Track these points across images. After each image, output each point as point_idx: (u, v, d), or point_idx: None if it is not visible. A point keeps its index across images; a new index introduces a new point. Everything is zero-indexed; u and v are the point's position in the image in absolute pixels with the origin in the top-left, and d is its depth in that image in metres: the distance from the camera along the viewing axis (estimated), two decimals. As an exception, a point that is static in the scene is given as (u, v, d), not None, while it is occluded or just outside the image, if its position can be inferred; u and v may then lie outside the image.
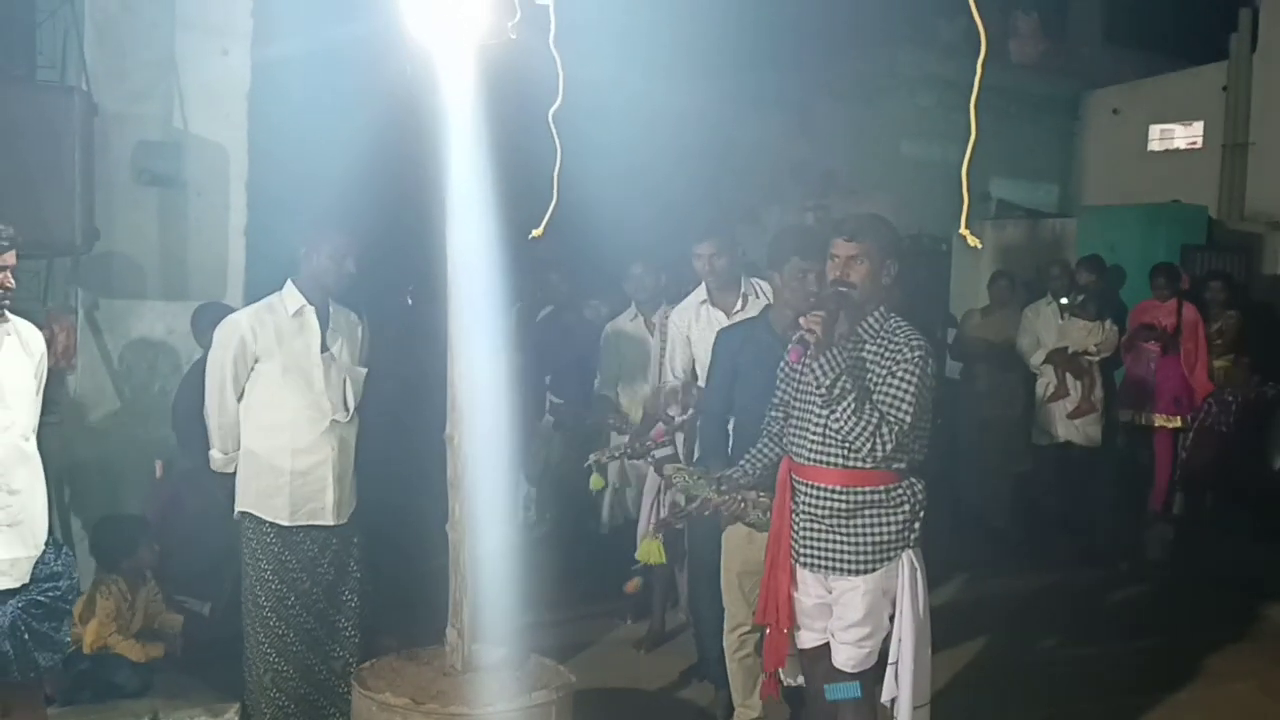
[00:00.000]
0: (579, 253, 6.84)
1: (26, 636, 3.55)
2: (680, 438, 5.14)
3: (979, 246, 3.44)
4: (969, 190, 2.84)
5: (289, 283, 4.30)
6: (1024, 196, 11.33)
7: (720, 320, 4.99)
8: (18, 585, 3.53)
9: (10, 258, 3.48)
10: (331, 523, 4.29)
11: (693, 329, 5.14)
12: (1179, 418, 7.59)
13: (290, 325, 4.26)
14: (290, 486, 4.22)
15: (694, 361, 5.14)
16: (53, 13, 5.37)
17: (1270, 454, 7.30)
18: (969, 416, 8.10)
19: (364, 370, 4.44)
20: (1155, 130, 10.75)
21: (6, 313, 3.59)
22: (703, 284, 5.16)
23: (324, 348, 4.29)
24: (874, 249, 3.69)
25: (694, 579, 5.01)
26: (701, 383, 4.96)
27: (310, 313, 4.28)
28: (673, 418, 5.17)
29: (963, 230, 2.91)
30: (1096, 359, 7.66)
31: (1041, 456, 7.85)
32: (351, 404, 4.35)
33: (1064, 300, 7.82)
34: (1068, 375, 7.62)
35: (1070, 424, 7.61)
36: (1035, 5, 11.69)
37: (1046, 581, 7.10)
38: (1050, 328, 7.80)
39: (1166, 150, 10.76)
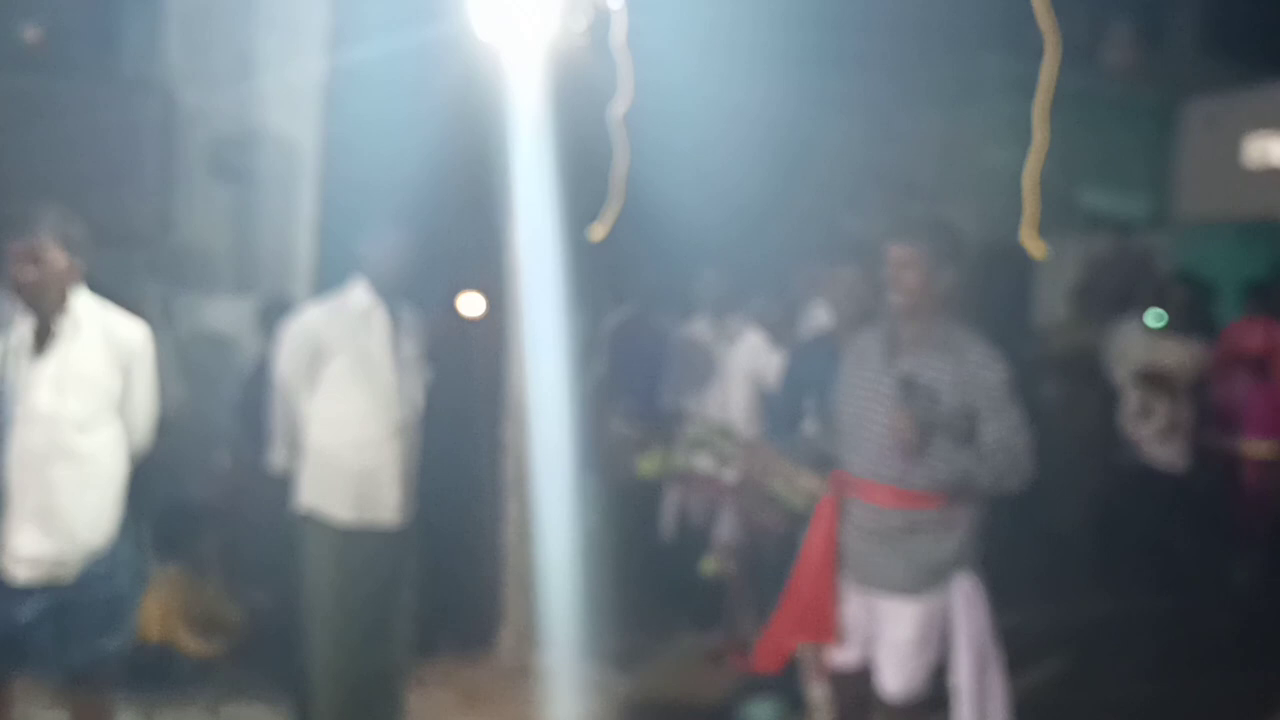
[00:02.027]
0: (651, 256, 6.78)
1: (60, 637, 3.45)
2: None
3: (1044, 257, 3.31)
4: (1050, 198, 2.76)
5: (358, 279, 4.24)
6: (1115, 208, 11.00)
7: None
8: (48, 582, 3.44)
9: (50, 244, 3.38)
10: (393, 523, 4.26)
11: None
12: (1269, 445, 7.29)
13: (359, 323, 4.21)
14: (354, 485, 4.18)
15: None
16: (137, 8, 5.46)
17: None
18: (1047, 434, 7.88)
19: (430, 369, 4.39)
20: (1252, 143, 10.36)
21: (92, 300, 3.54)
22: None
23: (392, 346, 4.25)
24: (930, 254, 3.56)
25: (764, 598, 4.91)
26: None
27: (380, 310, 4.23)
28: None
29: (1024, 238, 2.82)
30: (1184, 380, 7.40)
31: (1122, 478, 7.60)
32: (418, 403, 4.32)
33: (1153, 317, 7.57)
34: (1154, 396, 7.36)
35: (1154, 446, 7.36)
36: (1129, 10, 11.37)
37: (1125, 607, 6.87)
38: (1137, 346, 7.55)
39: (1264, 164, 10.38)
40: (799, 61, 8.65)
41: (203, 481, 5.35)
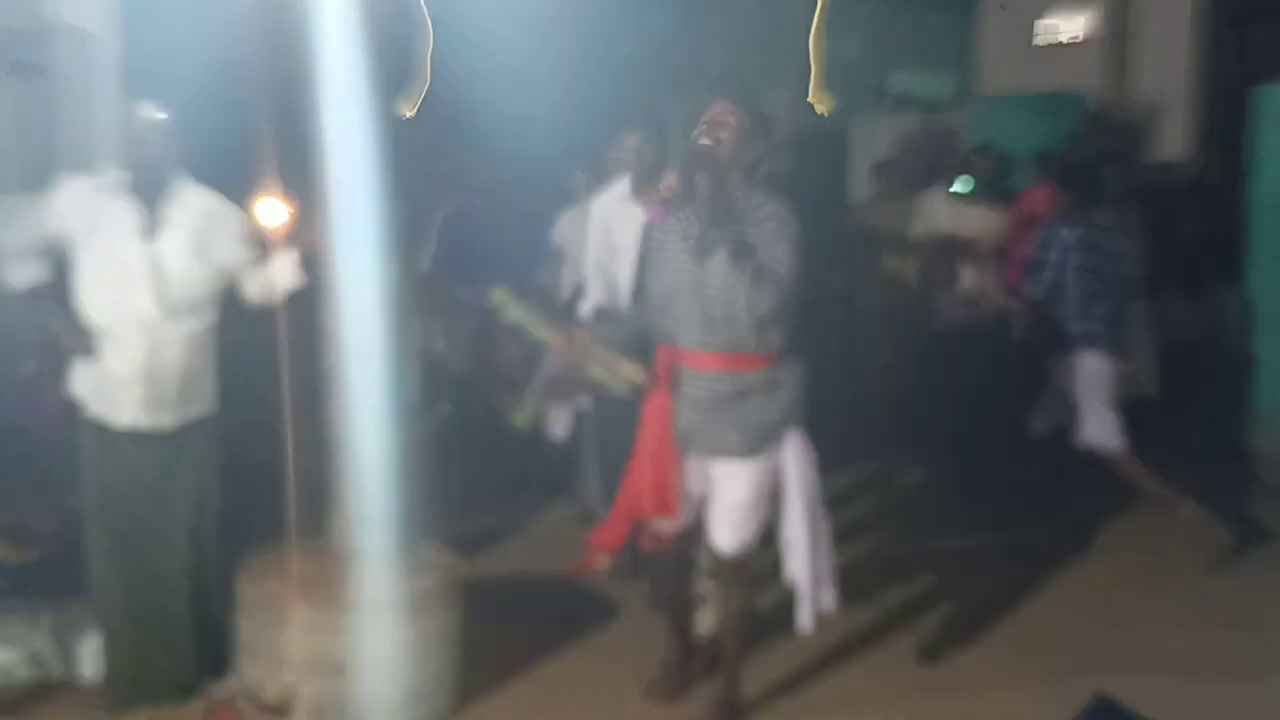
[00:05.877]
0: (464, 145, 6.76)
1: None
2: None
3: (828, 113, 3.48)
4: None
5: (116, 163, 3.97)
6: (921, 90, 11.41)
7: (642, 215, 4.93)
8: None
9: None
10: (143, 425, 4.02)
11: (614, 224, 5.07)
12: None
13: (111, 207, 3.92)
14: (97, 381, 3.98)
15: (613, 256, 5.09)
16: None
17: None
18: (863, 304, 8.22)
19: (208, 264, 4.05)
20: (1041, 23, 10.99)
21: None
22: (626, 177, 5.13)
23: (147, 236, 3.94)
24: (743, 116, 3.68)
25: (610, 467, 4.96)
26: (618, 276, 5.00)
27: (130, 197, 3.92)
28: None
29: (811, 98, 2.95)
30: (987, 245, 7.76)
31: (933, 342, 7.95)
32: (179, 301, 4.00)
33: (960, 183, 7.90)
34: (959, 262, 7.71)
35: (959, 310, 7.71)
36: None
37: (938, 467, 7.25)
38: (942, 215, 7.88)
39: (1053, 43, 10.99)
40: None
41: (2, 391, 5.18)
